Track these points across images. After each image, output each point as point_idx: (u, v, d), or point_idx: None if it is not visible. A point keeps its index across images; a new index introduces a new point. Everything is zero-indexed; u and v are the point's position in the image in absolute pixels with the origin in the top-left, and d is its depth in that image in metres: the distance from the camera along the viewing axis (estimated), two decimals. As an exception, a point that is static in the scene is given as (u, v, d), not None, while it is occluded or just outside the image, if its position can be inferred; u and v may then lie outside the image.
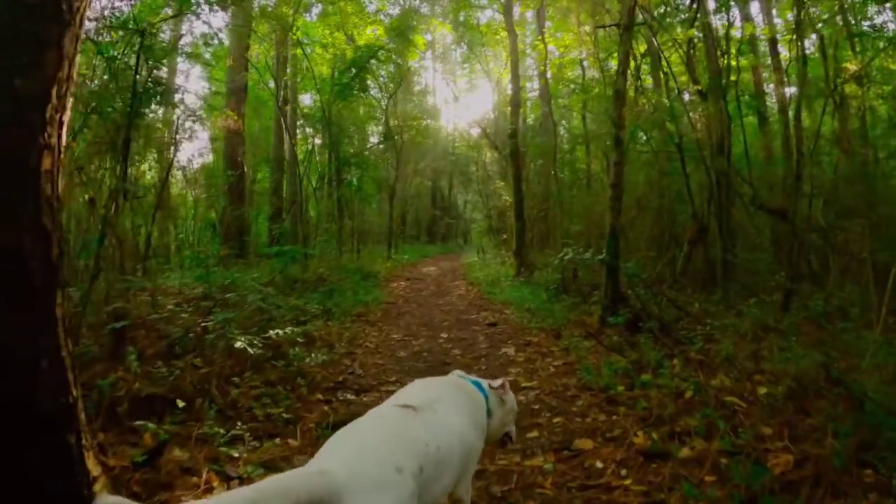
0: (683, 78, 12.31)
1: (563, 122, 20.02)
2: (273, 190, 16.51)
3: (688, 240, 10.07)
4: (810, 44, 10.31)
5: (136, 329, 5.14)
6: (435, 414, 1.73)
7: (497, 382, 2.18)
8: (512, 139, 11.36)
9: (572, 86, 17.81)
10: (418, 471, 1.45)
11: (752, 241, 10.93)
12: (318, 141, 16.61)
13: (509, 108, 17.87)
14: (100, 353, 4.59)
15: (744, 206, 9.83)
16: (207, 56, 17.08)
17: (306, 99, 18.58)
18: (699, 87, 8.10)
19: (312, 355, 4.54)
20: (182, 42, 14.99)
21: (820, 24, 9.40)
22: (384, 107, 15.85)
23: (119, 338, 4.84)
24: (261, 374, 4.11)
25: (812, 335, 5.94)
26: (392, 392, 4.09)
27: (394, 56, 13.78)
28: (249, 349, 3.43)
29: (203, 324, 4.99)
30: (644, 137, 11.79)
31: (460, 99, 23.67)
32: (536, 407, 3.94)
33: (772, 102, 13.81)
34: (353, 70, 12.38)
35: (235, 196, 12.87)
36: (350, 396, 4.07)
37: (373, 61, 14.33)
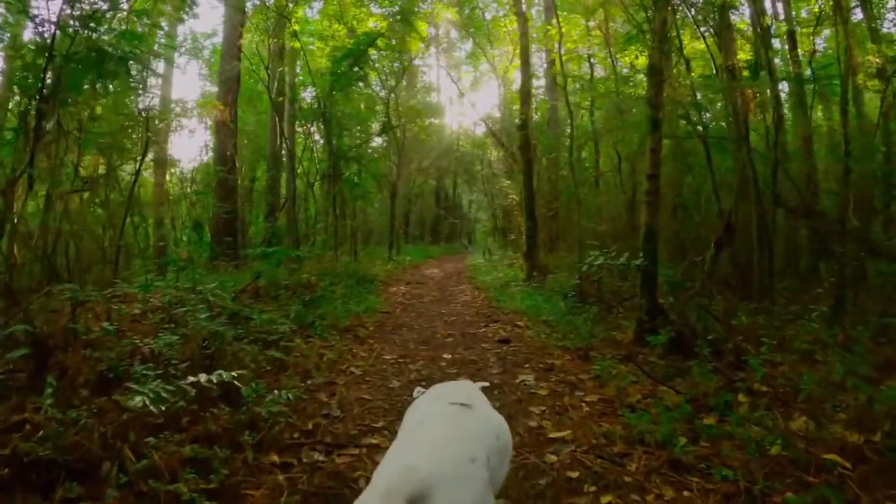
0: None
1: (568, 121, 18.88)
2: (269, 187, 15.39)
3: (714, 241, 8.92)
4: (821, 40, 9.42)
5: (78, 350, 4.03)
6: (482, 408, 1.80)
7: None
8: (522, 130, 10.17)
9: (578, 85, 16.85)
10: (486, 459, 1.47)
11: (789, 242, 9.86)
12: (319, 139, 15.54)
13: (518, 98, 16.82)
14: (21, 383, 3.51)
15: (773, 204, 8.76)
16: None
17: (308, 95, 17.52)
18: (742, 64, 6.89)
19: (276, 392, 3.38)
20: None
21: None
22: (385, 100, 14.67)
23: (39, 365, 3.73)
24: (198, 423, 2.95)
25: (879, 354, 4.83)
26: (379, 446, 2.91)
27: (394, 43, 12.58)
28: (152, 406, 2.27)
29: (147, 346, 3.87)
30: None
31: (465, 96, 22.48)
32: (575, 475, 2.76)
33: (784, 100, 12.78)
34: (351, 58, 11.18)
35: (225, 193, 11.76)
36: (319, 457, 2.89)
37: (374, 53, 13.27)
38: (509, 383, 4.23)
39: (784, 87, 10.98)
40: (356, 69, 11.84)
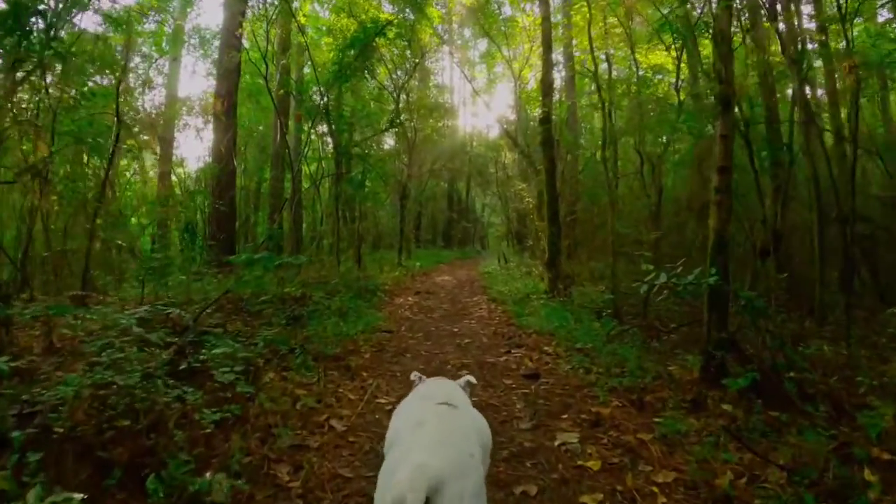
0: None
1: (584, 123, 17.81)
2: (273, 188, 14.35)
3: (759, 251, 7.73)
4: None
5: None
6: (467, 407, 1.89)
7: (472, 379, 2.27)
8: (544, 125, 8.97)
9: (594, 86, 15.87)
10: (480, 455, 1.56)
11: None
12: (330, 141, 14.54)
13: (535, 98, 15.65)
14: None
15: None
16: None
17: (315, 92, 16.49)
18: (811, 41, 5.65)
19: (208, 476, 2.23)
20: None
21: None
22: (395, 93, 13.56)
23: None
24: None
25: None
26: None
27: (404, 33, 11.46)
28: None
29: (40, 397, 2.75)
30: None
31: (479, 97, 21.20)
32: None
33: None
34: (357, 47, 10.07)
35: (219, 191, 10.72)
36: None
37: (383, 44, 12.24)
38: (546, 447, 3.04)
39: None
40: (364, 62, 10.76)
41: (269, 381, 3.70)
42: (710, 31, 6.67)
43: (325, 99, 10.40)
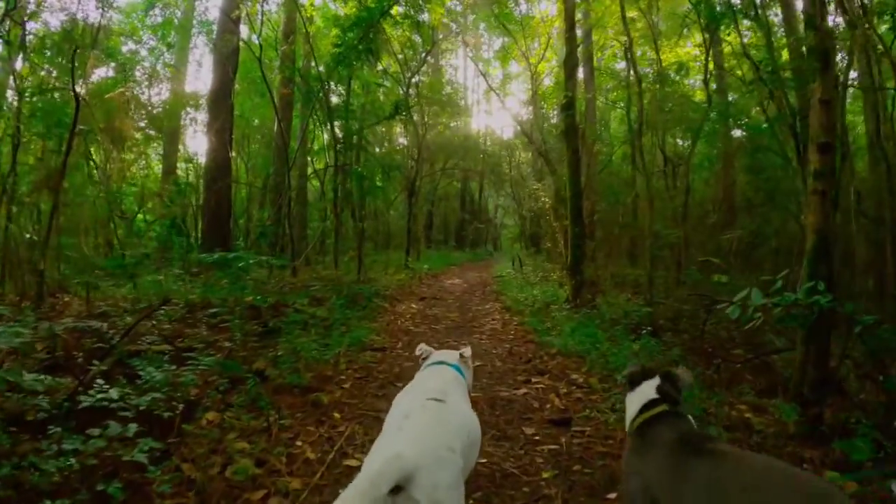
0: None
1: (602, 125, 16.73)
2: (275, 183, 13.41)
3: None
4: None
5: None
6: (458, 404, 1.88)
7: (467, 352, 2.40)
8: (567, 112, 7.82)
9: (611, 84, 14.94)
10: (461, 450, 1.57)
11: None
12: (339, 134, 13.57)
13: (552, 94, 14.53)
14: None
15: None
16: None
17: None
18: None
19: None
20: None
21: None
22: (404, 81, 12.52)
23: None
24: None
25: None
26: None
27: (410, 14, 10.42)
28: None
29: None
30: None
31: (494, 93, 20.05)
32: None
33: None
34: (361, 28, 9.04)
35: (208, 185, 9.81)
36: None
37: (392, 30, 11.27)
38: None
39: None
40: (369, 45, 9.72)
41: (200, 430, 2.64)
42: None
43: (324, 84, 9.39)
